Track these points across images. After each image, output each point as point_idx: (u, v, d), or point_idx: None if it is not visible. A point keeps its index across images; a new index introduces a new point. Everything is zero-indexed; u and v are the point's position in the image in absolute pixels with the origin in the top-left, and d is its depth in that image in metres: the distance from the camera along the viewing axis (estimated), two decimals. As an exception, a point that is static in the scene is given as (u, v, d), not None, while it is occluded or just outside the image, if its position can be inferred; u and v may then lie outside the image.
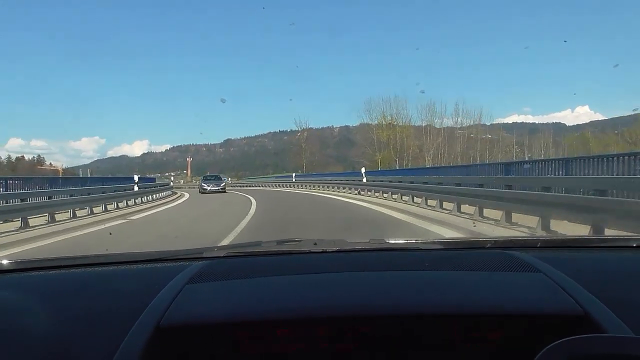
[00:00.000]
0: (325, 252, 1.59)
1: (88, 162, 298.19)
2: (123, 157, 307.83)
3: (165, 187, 34.87)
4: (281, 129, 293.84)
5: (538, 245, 1.69)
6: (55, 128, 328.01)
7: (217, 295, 1.24)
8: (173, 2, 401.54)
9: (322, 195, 29.17)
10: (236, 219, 13.58)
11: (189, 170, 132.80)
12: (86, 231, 12.20)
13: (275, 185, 49.18)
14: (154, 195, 27.54)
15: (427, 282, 1.30)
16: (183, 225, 14.14)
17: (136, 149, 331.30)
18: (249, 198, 25.07)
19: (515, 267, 1.33)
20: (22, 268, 1.57)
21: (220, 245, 3.61)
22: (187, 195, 32.57)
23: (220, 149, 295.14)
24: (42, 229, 12.75)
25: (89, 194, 18.19)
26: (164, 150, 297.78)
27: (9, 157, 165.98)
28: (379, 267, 1.40)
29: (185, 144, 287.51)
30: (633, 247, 1.66)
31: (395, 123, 64.17)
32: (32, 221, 13.31)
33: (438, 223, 11.70)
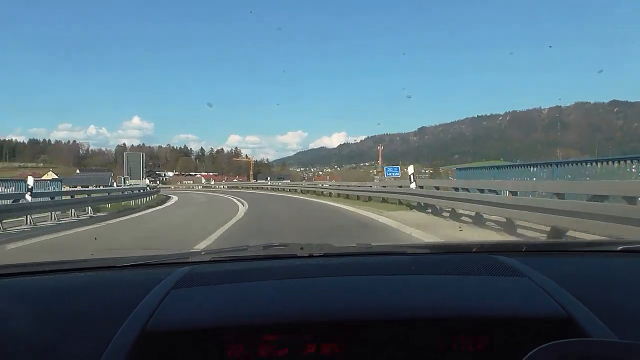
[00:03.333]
0: (312, 256, 1.58)
1: (292, 154, 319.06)
2: (322, 149, 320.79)
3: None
4: (480, 114, 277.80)
5: (523, 250, 1.69)
6: (265, 125, 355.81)
7: (203, 300, 1.23)
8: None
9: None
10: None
11: (380, 159, 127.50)
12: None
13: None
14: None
15: (413, 286, 1.30)
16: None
17: (334, 140, 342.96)
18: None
19: (500, 271, 1.33)
20: (6, 273, 1.53)
21: (206, 249, 3.07)
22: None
23: (414, 137, 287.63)
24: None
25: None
26: (359, 141, 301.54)
27: (212, 149, 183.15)
28: (365, 272, 1.40)
29: (380, 133, 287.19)
30: (617, 251, 1.66)
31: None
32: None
33: None
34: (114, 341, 1.02)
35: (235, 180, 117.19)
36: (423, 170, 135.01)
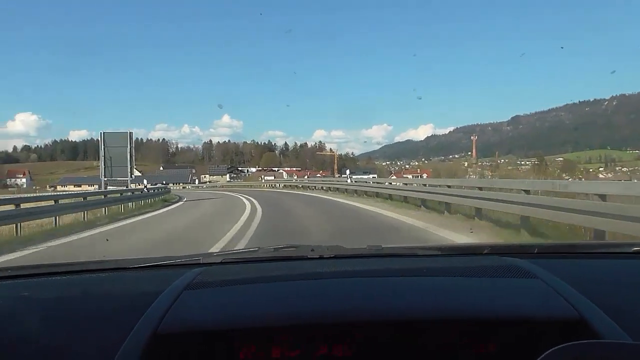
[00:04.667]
0: (322, 258, 1.59)
1: (377, 148, 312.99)
2: (408, 142, 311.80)
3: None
4: (581, 99, 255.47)
5: (535, 251, 1.68)
6: (350, 119, 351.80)
7: (214, 302, 1.24)
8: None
9: None
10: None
11: (474, 151, 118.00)
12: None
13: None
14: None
15: (424, 288, 1.31)
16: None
17: (421, 132, 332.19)
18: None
19: (512, 273, 1.33)
20: (20, 274, 1.55)
21: (217, 251, 3.21)
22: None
23: (508, 127, 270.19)
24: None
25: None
26: (447, 133, 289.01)
27: (296, 144, 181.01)
28: (376, 273, 1.40)
29: (470, 124, 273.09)
30: (629, 253, 1.66)
31: None
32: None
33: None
34: (126, 342, 1.03)
35: (318, 175, 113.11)
36: (518, 162, 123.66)
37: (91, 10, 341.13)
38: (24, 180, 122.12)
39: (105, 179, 24.39)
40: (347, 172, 24.06)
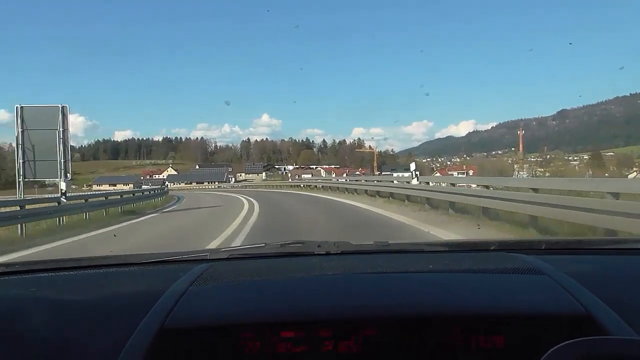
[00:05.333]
0: (329, 254, 1.58)
1: (417, 145, 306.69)
2: (449, 138, 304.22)
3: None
4: (633, 92, 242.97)
5: (542, 248, 1.68)
6: (389, 116, 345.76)
7: (221, 297, 1.25)
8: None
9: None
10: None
11: (521, 146, 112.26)
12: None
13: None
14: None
15: (431, 284, 1.31)
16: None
17: (462, 129, 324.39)
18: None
19: (519, 269, 1.34)
20: (29, 269, 1.58)
21: (224, 247, 2.76)
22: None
23: (553, 122, 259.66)
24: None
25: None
26: (489, 128, 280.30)
27: (334, 141, 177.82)
28: (382, 269, 1.41)
29: (513, 119, 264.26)
30: (636, 249, 1.69)
31: None
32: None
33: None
34: (133, 337, 1.04)
35: (357, 173, 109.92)
36: (566, 157, 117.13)
37: (145, 12, 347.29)
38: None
39: (25, 179, 15.13)
40: (412, 167, 16.52)
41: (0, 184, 77.79)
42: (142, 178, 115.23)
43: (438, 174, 62.72)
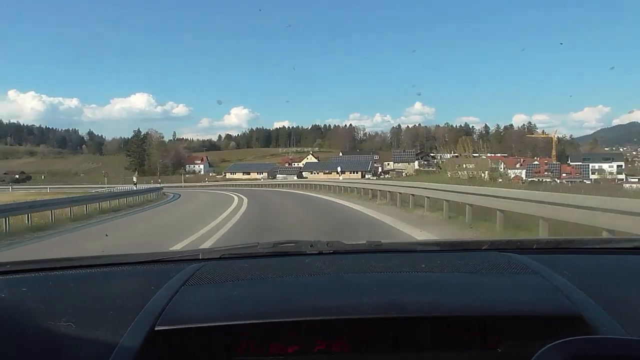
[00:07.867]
0: (322, 253, 1.58)
1: (591, 133, 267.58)
2: (632, 124, 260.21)
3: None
4: None
5: (534, 247, 1.68)
6: (556, 102, 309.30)
7: (213, 297, 1.26)
8: None
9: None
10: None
11: None
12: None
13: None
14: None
15: (423, 284, 1.32)
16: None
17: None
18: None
19: (511, 268, 1.35)
20: (18, 269, 1.56)
21: (216, 246, 2.58)
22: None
23: None
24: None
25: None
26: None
27: (497, 126, 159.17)
28: (375, 269, 1.40)
29: None
30: (628, 249, 1.70)
31: None
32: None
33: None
34: (124, 337, 1.04)
35: (535, 163, 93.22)
36: None
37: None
38: (201, 166, 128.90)
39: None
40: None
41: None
42: (277, 165, 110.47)
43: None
